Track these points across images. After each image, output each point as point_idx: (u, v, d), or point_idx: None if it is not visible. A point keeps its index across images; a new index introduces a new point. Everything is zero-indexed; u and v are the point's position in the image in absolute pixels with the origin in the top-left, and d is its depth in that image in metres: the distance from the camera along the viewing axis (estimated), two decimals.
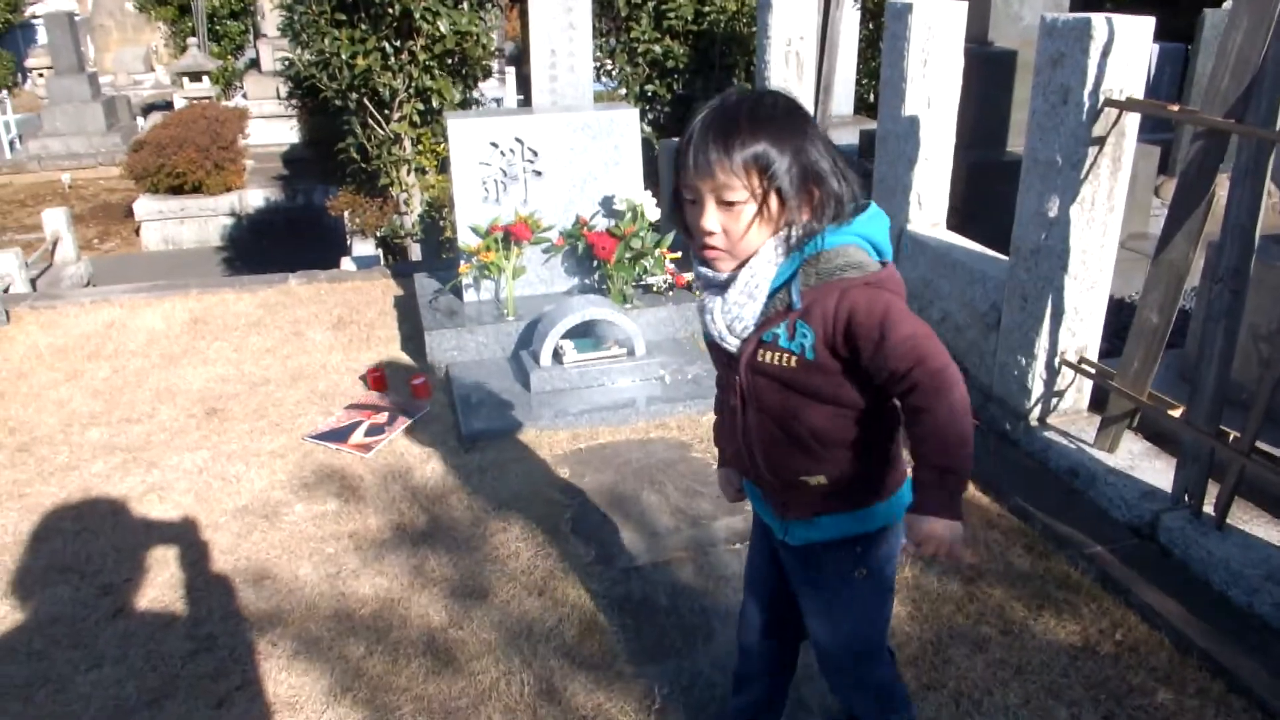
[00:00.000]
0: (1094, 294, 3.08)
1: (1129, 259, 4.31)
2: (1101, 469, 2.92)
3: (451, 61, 7.10)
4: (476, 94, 7.58)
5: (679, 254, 4.36)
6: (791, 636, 1.84)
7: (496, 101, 12.08)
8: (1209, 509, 2.62)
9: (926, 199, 3.96)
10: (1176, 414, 2.73)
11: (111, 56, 19.78)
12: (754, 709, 1.93)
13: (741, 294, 1.42)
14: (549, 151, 4.13)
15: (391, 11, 6.59)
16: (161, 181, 11.09)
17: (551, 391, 3.67)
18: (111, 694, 2.24)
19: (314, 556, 2.76)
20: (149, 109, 16.48)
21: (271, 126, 13.67)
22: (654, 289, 4.26)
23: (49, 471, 3.27)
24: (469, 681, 2.26)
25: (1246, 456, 2.48)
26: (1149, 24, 2.79)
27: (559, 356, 3.74)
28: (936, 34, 3.72)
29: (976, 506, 2.92)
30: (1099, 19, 2.74)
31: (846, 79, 8.43)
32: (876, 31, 6.75)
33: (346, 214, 8.70)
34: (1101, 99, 2.80)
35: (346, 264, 7.92)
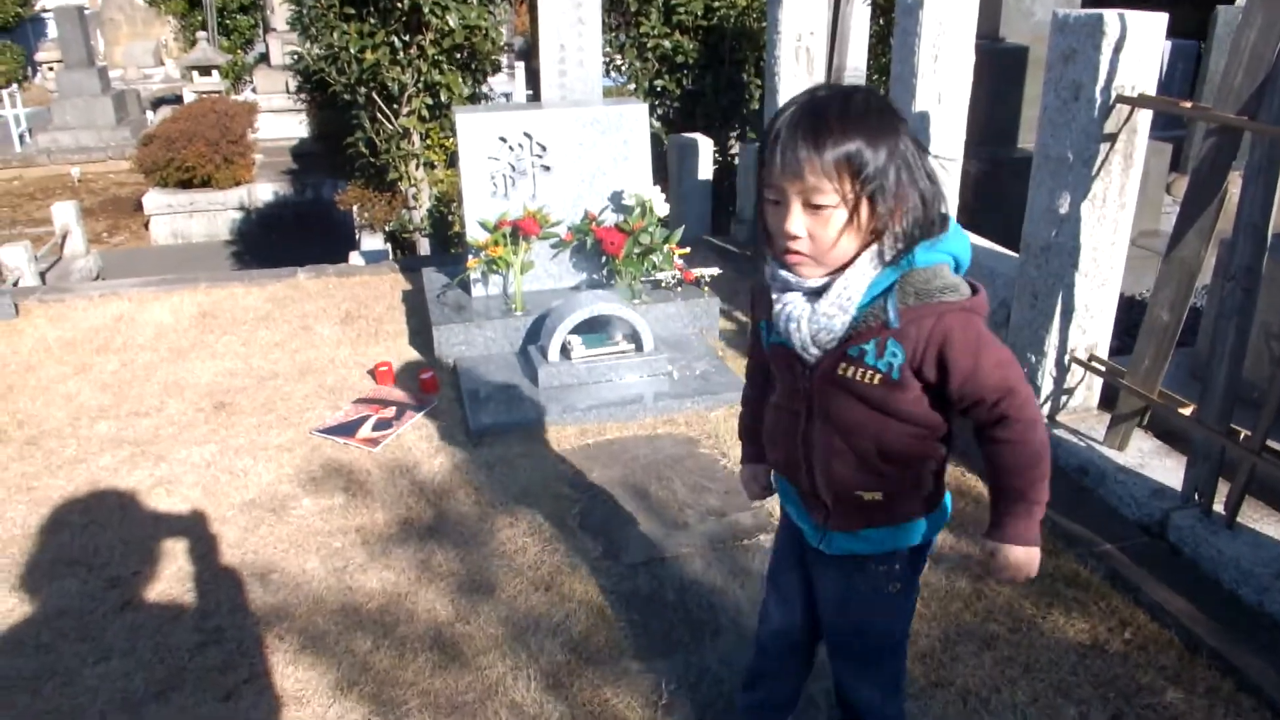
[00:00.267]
0: (1105, 291, 3.06)
1: (1140, 256, 4.30)
2: (1111, 467, 2.90)
3: (460, 56, 7.11)
4: (485, 89, 7.58)
5: (687, 249, 4.36)
6: (812, 638, 1.82)
7: (505, 96, 12.08)
8: (1219, 507, 2.61)
9: None
10: (1187, 412, 2.72)
11: (121, 50, 19.84)
12: (767, 707, 1.92)
13: (833, 306, 1.37)
14: (558, 146, 4.12)
15: (400, 5, 6.59)
16: (171, 175, 11.13)
17: (559, 387, 3.67)
18: (119, 686, 2.25)
19: (321, 550, 2.76)
20: (158, 103, 16.54)
21: (280, 121, 13.70)
22: (662, 284, 4.25)
23: (57, 464, 3.28)
24: (476, 676, 2.26)
25: (1258, 455, 2.47)
26: (1162, 20, 2.77)
27: (567, 352, 3.74)
28: (947, 29, 3.70)
29: (986, 504, 2.90)
30: (1111, 15, 2.72)
31: (857, 75, 8.37)
32: (887, 27, 6.71)
33: (355, 208, 8.71)
34: (1113, 95, 2.78)
35: (355, 258, 7.94)
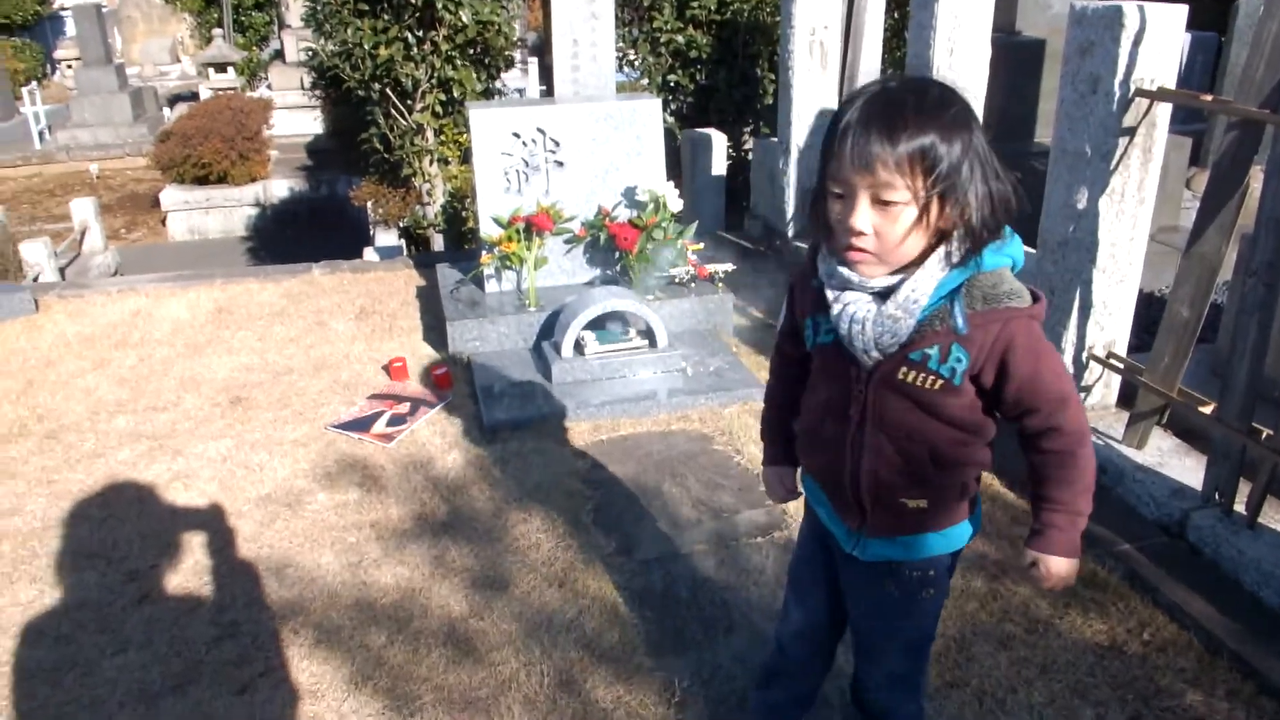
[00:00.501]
0: (1123, 288, 3.03)
1: (1159, 252, 4.25)
2: (1130, 465, 2.88)
3: (474, 51, 7.11)
4: (499, 84, 7.58)
5: (700, 245, 4.35)
6: (832, 640, 1.80)
7: (519, 92, 12.07)
8: (1240, 507, 2.58)
9: None
10: (1207, 410, 2.68)
11: (138, 48, 19.99)
12: (783, 706, 1.90)
13: (899, 309, 1.31)
14: (571, 142, 4.12)
15: (414, 1, 6.60)
16: (187, 172, 11.20)
17: (573, 383, 3.67)
18: (137, 678, 2.27)
19: (336, 545, 2.77)
20: (175, 100, 16.64)
21: (295, 117, 13.76)
22: (676, 280, 4.24)
23: (76, 458, 3.31)
24: (489, 672, 2.26)
25: (1279, 454, 2.44)
26: (1181, 12, 2.74)
27: (580, 348, 3.73)
28: (963, 23, 3.67)
29: (1003, 503, 2.89)
30: (1130, 7, 2.69)
31: (871, 69, 8.28)
32: (902, 21, 6.67)
33: (369, 204, 8.74)
34: (1132, 89, 2.75)
35: (369, 254, 7.98)
